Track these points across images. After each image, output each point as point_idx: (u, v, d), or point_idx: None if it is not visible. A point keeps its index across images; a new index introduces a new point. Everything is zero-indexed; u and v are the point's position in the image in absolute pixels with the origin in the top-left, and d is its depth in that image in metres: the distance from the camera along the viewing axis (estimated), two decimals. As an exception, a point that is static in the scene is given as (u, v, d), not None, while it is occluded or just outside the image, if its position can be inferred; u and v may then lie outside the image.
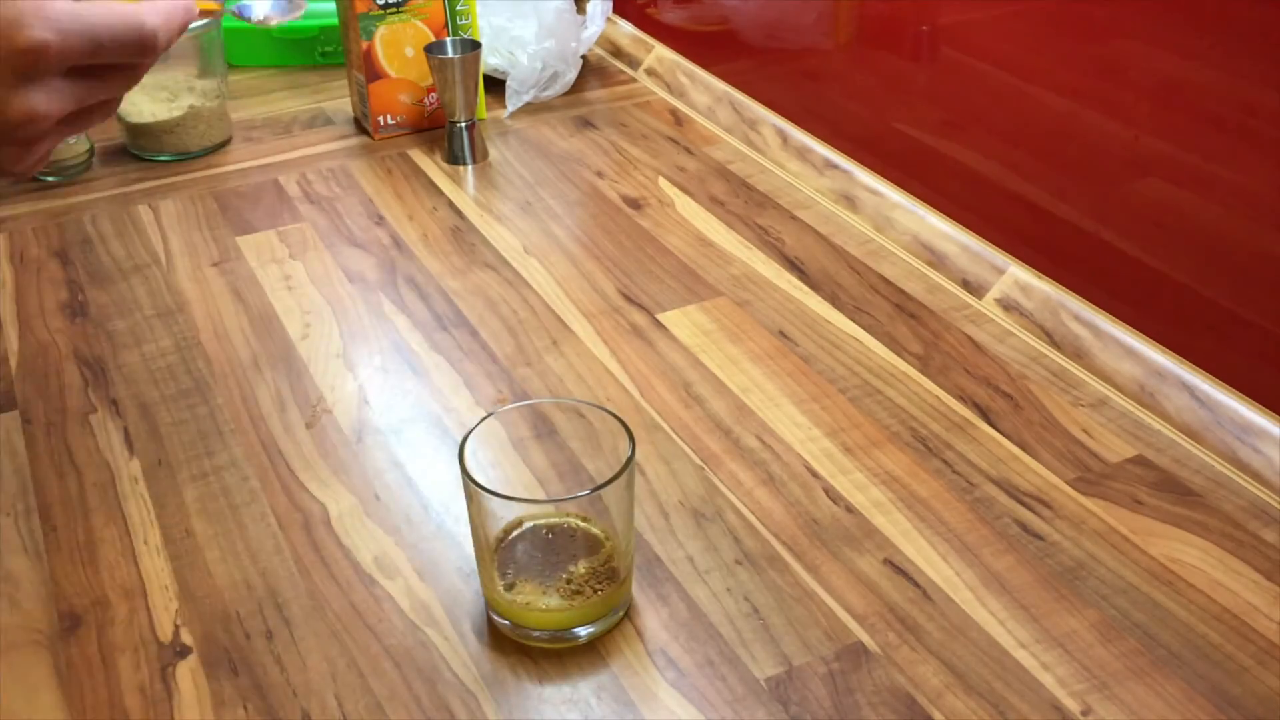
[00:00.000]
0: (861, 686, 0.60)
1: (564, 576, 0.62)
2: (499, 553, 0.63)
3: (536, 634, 0.63)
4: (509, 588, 0.62)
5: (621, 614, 0.64)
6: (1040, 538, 0.69)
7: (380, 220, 1.04)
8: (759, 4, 1.18)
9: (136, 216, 1.05)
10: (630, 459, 0.60)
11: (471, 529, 0.63)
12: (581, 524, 0.65)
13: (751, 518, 0.71)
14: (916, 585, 0.66)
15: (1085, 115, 0.84)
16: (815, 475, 0.74)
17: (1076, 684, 0.60)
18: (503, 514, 0.63)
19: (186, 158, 1.15)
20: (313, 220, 1.04)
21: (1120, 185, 0.83)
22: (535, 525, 0.65)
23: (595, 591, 0.62)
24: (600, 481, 0.60)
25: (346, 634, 0.64)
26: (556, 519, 0.65)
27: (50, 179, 1.11)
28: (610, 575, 0.63)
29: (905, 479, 0.74)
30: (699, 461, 0.76)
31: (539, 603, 0.62)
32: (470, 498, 0.61)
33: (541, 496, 0.69)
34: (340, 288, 0.95)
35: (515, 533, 0.64)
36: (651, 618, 0.65)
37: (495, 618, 0.64)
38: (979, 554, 0.68)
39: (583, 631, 0.62)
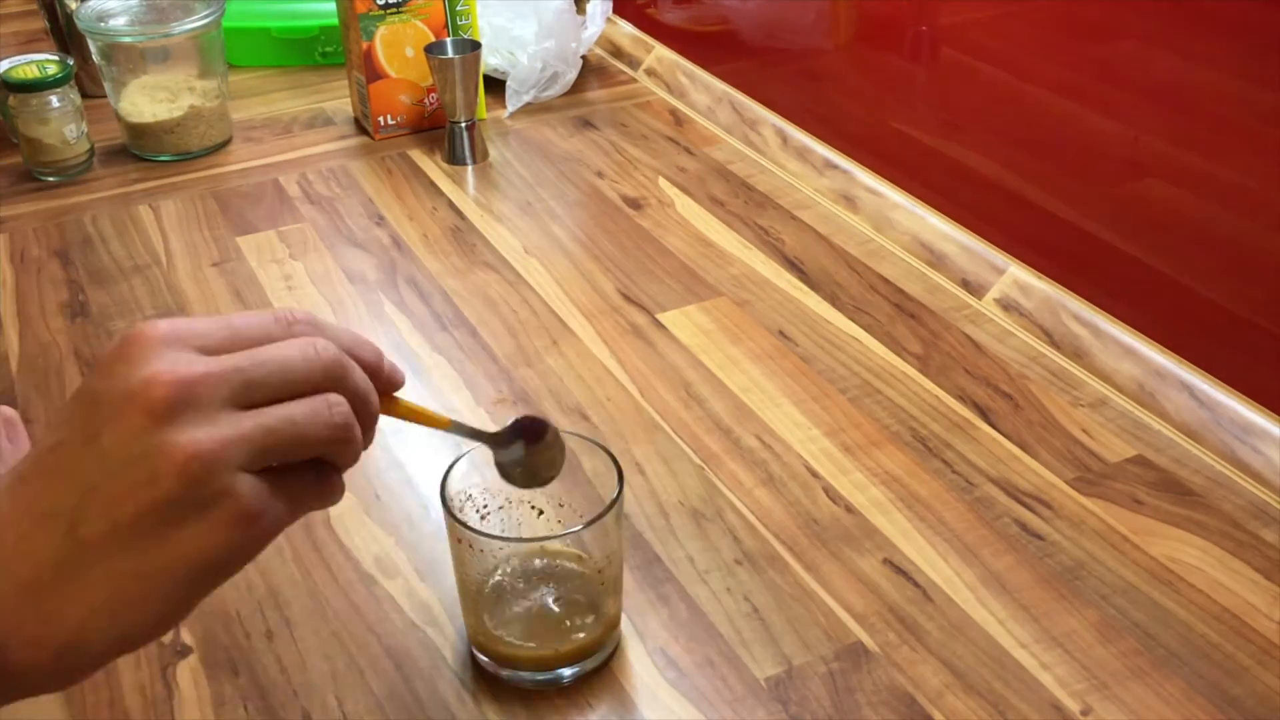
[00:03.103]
0: (861, 686, 0.60)
1: (547, 615, 0.61)
2: (485, 591, 0.61)
3: (523, 675, 0.61)
4: (493, 627, 0.60)
5: (609, 652, 0.62)
6: (1040, 537, 0.69)
7: (380, 220, 1.04)
8: (759, 4, 1.18)
9: (137, 216, 1.05)
10: (617, 498, 0.58)
11: (455, 566, 0.61)
12: (569, 564, 0.62)
13: (751, 518, 0.71)
14: (916, 585, 0.66)
15: (1085, 115, 0.84)
16: (815, 475, 0.74)
17: (1076, 684, 0.60)
18: (487, 550, 0.60)
19: (187, 158, 1.15)
20: (313, 220, 1.04)
21: (1120, 185, 0.83)
22: (520, 562, 0.62)
23: (579, 632, 0.60)
24: (589, 517, 0.58)
25: (347, 634, 0.64)
26: (542, 557, 0.63)
27: (50, 179, 1.11)
28: (594, 610, 0.61)
29: (905, 479, 0.74)
30: (699, 461, 0.76)
31: (520, 643, 0.60)
32: (453, 534, 0.59)
33: (528, 533, 0.65)
34: (340, 288, 0.95)
35: (498, 572, 0.62)
36: (651, 618, 0.65)
37: (477, 654, 0.62)
38: (979, 554, 0.68)
39: (567, 672, 0.60)
